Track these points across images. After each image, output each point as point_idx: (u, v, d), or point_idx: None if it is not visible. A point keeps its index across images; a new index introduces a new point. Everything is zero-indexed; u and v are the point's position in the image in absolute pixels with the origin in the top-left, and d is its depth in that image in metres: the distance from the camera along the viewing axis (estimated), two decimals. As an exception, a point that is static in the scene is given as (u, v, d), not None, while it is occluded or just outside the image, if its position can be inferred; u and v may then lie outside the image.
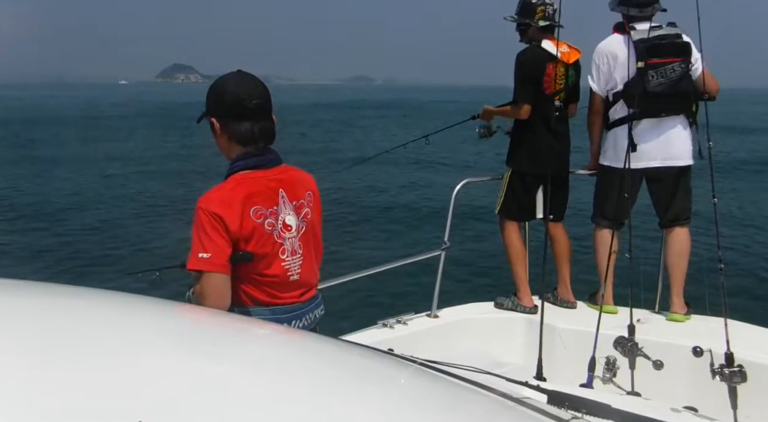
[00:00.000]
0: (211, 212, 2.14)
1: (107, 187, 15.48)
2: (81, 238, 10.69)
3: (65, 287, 1.47)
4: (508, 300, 4.32)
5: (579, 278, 4.59)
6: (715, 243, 3.63)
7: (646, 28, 4.03)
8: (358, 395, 1.05)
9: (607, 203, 4.22)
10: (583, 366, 3.44)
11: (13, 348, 0.99)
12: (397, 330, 3.82)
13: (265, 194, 2.24)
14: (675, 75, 3.96)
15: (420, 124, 29.06)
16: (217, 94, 2.28)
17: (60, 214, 12.44)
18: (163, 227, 11.29)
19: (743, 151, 24.77)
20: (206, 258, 2.14)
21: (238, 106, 2.23)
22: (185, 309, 1.37)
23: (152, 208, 13.14)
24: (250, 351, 1.21)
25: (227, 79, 2.29)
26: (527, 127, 4.29)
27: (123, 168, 18.54)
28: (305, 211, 2.34)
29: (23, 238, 10.55)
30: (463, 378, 1.29)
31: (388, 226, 11.30)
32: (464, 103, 64.53)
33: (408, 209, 12.90)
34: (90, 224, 11.65)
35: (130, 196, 14.41)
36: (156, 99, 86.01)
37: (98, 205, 13.49)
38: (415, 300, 4.87)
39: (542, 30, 4.26)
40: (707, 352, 3.10)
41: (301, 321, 2.35)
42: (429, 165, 18.74)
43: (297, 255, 2.31)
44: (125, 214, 12.44)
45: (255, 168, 2.27)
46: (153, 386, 0.93)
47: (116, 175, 17.39)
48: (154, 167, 19.09)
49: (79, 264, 9.25)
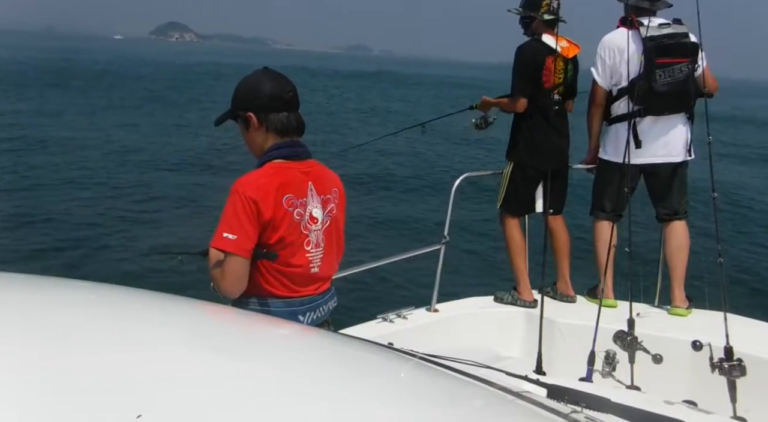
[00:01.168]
0: (248, 197, 2.20)
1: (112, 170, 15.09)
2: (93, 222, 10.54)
3: (83, 283, 1.48)
4: (508, 295, 4.32)
5: (578, 272, 4.60)
6: (714, 237, 3.65)
7: (653, 24, 4.04)
8: (358, 389, 1.06)
9: (605, 197, 4.26)
10: (582, 360, 3.44)
11: (31, 344, 1.00)
12: (396, 325, 3.82)
13: (297, 184, 2.31)
14: (681, 75, 3.99)
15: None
16: (253, 89, 2.37)
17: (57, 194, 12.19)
18: (174, 217, 11.23)
19: (744, 142, 24.79)
20: (232, 239, 2.19)
21: (277, 97, 2.33)
22: (185, 305, 1.38)
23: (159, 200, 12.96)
24: (249, 346, 1.21)
25: (259, 76, 2.39)
26: (527, 120, 4.30)
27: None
28: (331, 207, 2.41)
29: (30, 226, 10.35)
30: (462, 372, 1.30)
31: (387, 220, 11.32)
32: (462, 79, 63.88)
33: (408, 201, 12.90)
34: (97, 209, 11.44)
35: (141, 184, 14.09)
36: (162, 58, 79.65)
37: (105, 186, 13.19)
38: (415, 295, 4.87)
39: (546, 24, 4.26)
40: (706, 346, 3.11)
41: (315, 313, 2.41)
42: (430, 156, 18.68)
43: (320, 248, 2.37)
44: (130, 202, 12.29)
45: (288, 158, 2.34)
46: (152, 382, 0.93)
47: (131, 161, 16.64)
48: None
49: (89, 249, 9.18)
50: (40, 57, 58.74)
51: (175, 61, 72.25)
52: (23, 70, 40.26)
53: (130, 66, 54.40)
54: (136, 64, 57.87)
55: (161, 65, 59.34)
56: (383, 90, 46.66)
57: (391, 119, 26.81)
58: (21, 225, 9.83)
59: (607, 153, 4.29)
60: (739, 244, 10.43)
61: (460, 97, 30.52)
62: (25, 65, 45.23)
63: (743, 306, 4.39)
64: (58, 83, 33.42)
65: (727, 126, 28.49)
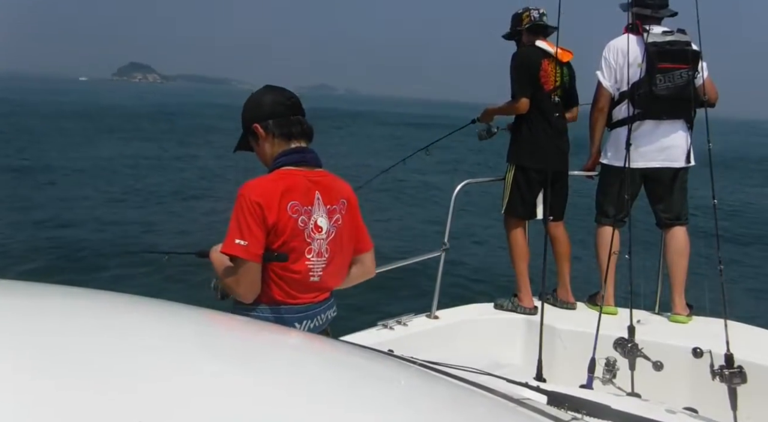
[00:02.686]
0: (253, 200, 2.21)
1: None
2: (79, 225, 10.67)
3: (83, 290, 1.48)
4: (508, 302, 4.32)
5: (578, 279, 4.60)
6: (714, 244, 3.65)
7: (656, 31, 4.08)
8: (357, 396, 1.05)
9: (607, 201, 4.29)
10: (582, 367, 3.44)
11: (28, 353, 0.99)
12: (396, 331, 3.82)
13: (303, 192, 2.31)
14: (681, 81, 4.04)
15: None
16: (256, 103, 2.41)
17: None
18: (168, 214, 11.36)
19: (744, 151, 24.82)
20: (244, 245, 2.20)
21: (278, 103, 2.38)
22: (183, 312, 1.37)
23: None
24: (246, 353, 1.20)
25: (261, 90, 2.45)
26: (528, 122, 4.35)
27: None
28: (336, 217, 2.39)
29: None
30: (463, 379, 1.29)
31: (386, 228, 11.32)
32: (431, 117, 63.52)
33: (407, 212, 12.91)
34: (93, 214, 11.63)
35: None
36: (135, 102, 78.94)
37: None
38: (415, 301, 4.86)
39: (533, 32, 4.39)
40: (707, 353, 3.10)
41: (312, 322, 2.39)
42: (428, 167, 18.73)
43: (322, 257, 2.35)
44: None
45: (297, 164, 2.35)
46: (151, 388, 0.93)
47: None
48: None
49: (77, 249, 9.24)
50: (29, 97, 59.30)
51: (138, 102, 72.70)
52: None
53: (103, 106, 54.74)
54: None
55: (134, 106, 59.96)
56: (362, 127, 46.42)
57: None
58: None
59: (608, 157, 4.33)
60: (739, 251, 10.43)
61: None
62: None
63: (744, 314, 4.39)
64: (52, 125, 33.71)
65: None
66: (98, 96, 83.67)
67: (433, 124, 38.74)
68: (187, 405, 0.89)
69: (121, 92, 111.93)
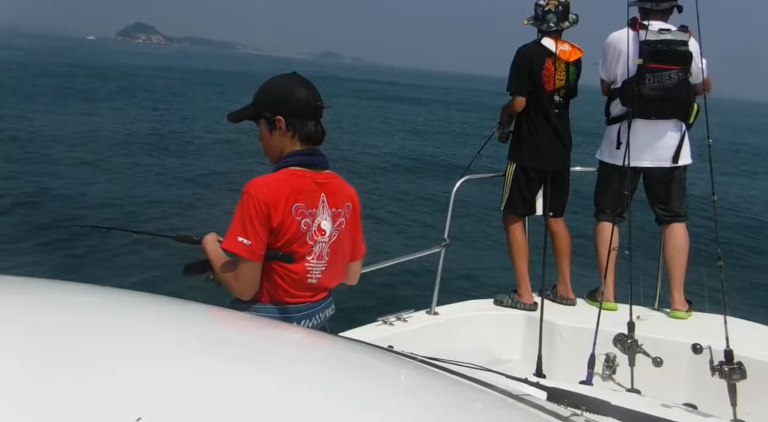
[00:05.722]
0: (261, 200, 2.20)
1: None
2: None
3: (85, 286, 1.48)
4: (508, 298, 4.32)
5: (578, 275, 4.60)
6: (714, 240, 3.65)
7: (654, 28, 4.08)
8: (357, 392, 1.05)
9: (605, 198, 4.32)
10: (582, 363, 3.44)
11: (23, 349, 0.99)
12: (396, 327, 3.82)
13: (309, 194, 2.29)
14: (671, 82, 4.05)
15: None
16: (286, 93, 2.33)
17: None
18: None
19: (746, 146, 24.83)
20: (247, 245, 2.19)
21: (309, 105, 2.32)
22: (182, 307, 1.37)
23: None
24: (249, 349, 1.20)
25: (291, 81, 2.37)
26: (528, 122, 4.33)
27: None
28: (340, 221, 2.39)
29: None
30: (462, 375, 1.30)
31: (387, 223, 11.32)
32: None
33: (408, 206, 12.90)
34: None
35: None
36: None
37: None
38: (415, 297, 4.87)
39: (547, 34, 4.30)
40: (707, 349, 3.11)
41: (310, 321, 2.39)
42: (427, 162, 18.72)
43: (323, 260, 2.35)
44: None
45: (304, 166, 2.32)
46: (152, 385, 0.93)
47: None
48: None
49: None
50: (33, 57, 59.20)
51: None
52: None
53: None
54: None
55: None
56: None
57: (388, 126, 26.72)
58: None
59: (604, 155, 4.36)
60: (738, 246, 10.44)
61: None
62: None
63: (743, 309, 4.39)
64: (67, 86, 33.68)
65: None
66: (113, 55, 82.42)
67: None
68: (188, 400, 0.90)
69: (130, 53, 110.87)
